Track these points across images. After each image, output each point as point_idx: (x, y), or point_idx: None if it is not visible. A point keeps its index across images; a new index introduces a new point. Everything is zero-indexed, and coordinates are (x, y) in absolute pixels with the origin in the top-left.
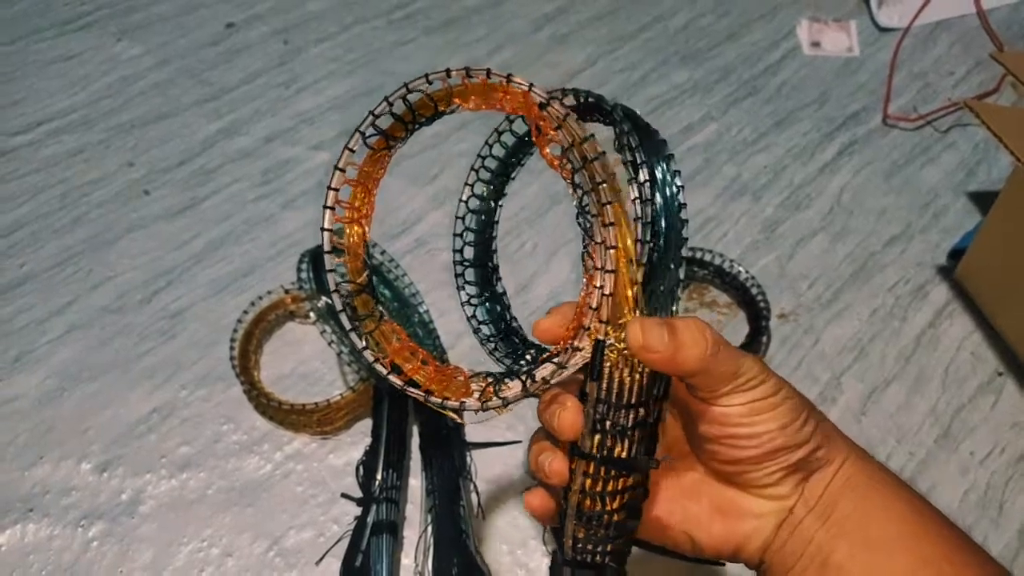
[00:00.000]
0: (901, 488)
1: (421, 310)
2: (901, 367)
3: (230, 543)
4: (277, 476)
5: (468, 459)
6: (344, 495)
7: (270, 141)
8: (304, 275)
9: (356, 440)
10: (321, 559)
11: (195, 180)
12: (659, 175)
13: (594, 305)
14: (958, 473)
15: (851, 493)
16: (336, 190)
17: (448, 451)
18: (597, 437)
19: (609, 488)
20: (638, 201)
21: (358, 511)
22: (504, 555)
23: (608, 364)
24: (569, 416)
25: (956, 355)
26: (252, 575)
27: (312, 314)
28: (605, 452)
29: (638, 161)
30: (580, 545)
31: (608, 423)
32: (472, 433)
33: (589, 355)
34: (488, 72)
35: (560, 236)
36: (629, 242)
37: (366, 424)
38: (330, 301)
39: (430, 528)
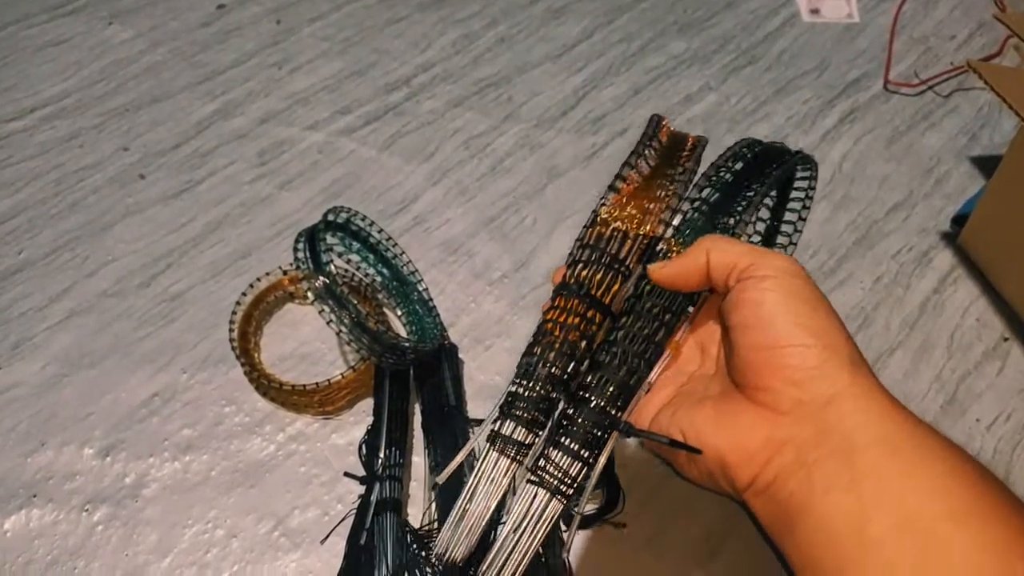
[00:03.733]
0: (957, 462)
1: (420, 288)
2: (906, 334)
3: (235, 524)
4: (280, 457)
5: (471, 436)
6: (347, 474)
7: (265, 122)
8: (301, 254)
9: (358, 419)
10: (326, 538)
11: (190, 163)
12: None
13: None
14: (964, 440)
15: (885, 453)
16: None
17: (451, 428)
18: (568, 271)
19: (566, 318)
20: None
21: (361, 490)
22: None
23: (596, 226)
24: (557, 272)
25: (961, 321)
26: (257, 555)
27: (310, 294)
28: (570, 280)
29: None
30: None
31: (579, 261)
32: (474, 410)
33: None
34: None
35: (560, 211)
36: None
37: (368, 403)
38: (327, 280)
39: (434, 505)
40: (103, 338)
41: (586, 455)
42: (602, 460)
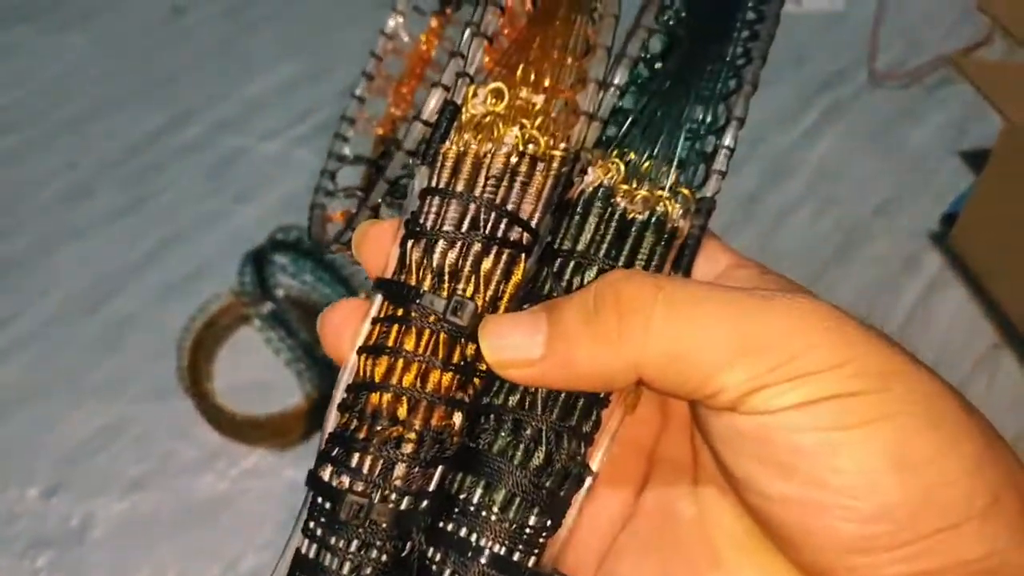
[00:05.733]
0: None
1: None
2: None
3: (185, 568)
4: (234, 493)
5: None
6: None
7: (218, 131)
8: (247, 278)
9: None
10: None
11: (141, 177)
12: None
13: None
14: None
15: None
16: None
17: None
18: (414, 253)
19: (419, 373)
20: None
21: None
22: None
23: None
24: (371, 229)
25: (950, 327)
26: None
27: (256, 320)
28: (418, 277)
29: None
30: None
31: (434, 233)
32: None
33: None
34: None
35: None
36: None
37: None
38: (274, 305)
39: None
40: (47, 369)
41: None
42: None
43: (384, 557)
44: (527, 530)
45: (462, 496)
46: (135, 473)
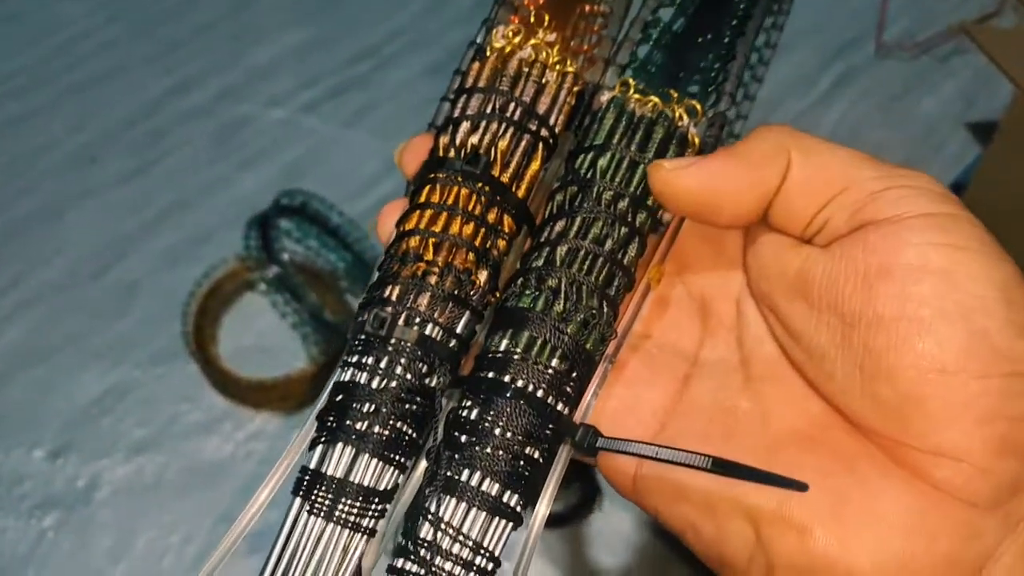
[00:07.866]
0: None
1: None
2: None
3: (190, 529)
4: (239, 457)
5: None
6: None
7: (223, 98)
8: (252, 243)
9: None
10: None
11: (146, 142)
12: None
13: None
14: None
15: None
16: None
17: None
18: (443, 138)
19: (446, 227)
20: None
21: None
22: None
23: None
24: (413, 140)
25: None
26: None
27: (263, 284)
28: (448, 151)
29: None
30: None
31: (462, 118)
32: None
33: None
34: None
35: None
36: None
37: None
38: (280, 270)
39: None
40: (52, 333)
41: (509, 501)
42: (543, 510)
43: (409, 376)
44: (550, 370)
45: (491, 349)
46: (141, 435)
